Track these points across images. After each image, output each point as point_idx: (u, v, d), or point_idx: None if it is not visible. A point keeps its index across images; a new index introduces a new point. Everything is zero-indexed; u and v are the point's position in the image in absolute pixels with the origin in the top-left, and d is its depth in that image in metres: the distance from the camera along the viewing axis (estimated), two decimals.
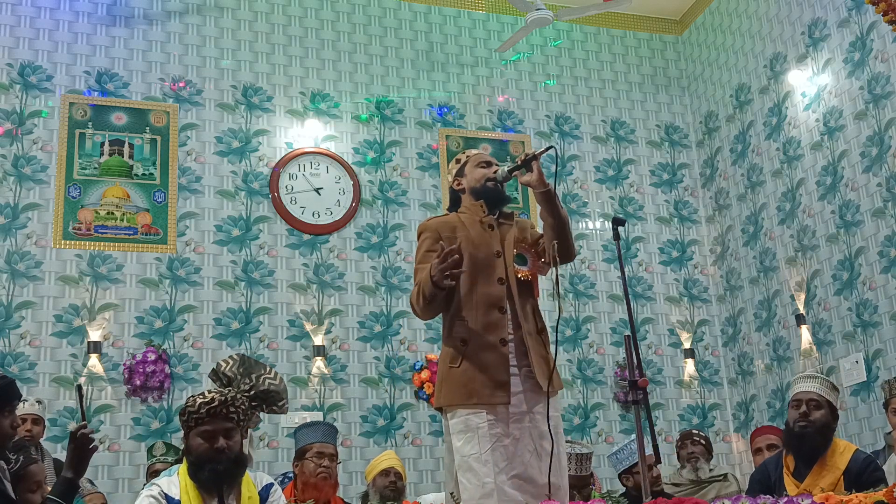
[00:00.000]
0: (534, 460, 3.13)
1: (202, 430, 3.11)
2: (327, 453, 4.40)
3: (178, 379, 6.26)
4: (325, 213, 6.95)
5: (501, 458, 3.09)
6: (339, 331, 6.70)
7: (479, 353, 3.20)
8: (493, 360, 3.19)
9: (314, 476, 4.30)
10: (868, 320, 6.13)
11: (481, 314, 3.25)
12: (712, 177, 7.90)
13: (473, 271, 3.30)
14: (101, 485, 5.69)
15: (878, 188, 6.12)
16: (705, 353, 7.57)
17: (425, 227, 3.43)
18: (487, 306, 3.26)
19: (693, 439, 5.21)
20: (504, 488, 3.05)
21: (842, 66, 6.50)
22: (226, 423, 3.14)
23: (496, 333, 3.22)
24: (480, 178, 3.44)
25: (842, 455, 3.81)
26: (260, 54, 7.18)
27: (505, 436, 3.13)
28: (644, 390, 3.24)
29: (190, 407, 3.14)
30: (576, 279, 7.38)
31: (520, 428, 3.16)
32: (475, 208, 3.43)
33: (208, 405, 3.12)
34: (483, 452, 3.09)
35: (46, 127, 6.49)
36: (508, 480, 3.08)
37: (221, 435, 3.11)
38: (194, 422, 3.11)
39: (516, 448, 3.13)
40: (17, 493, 3.05)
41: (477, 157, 3.53)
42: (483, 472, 3.07)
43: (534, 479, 3.11)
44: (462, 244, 3.29)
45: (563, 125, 7.80)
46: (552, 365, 3.27)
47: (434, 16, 7.77)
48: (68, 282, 6.24)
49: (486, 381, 3.16)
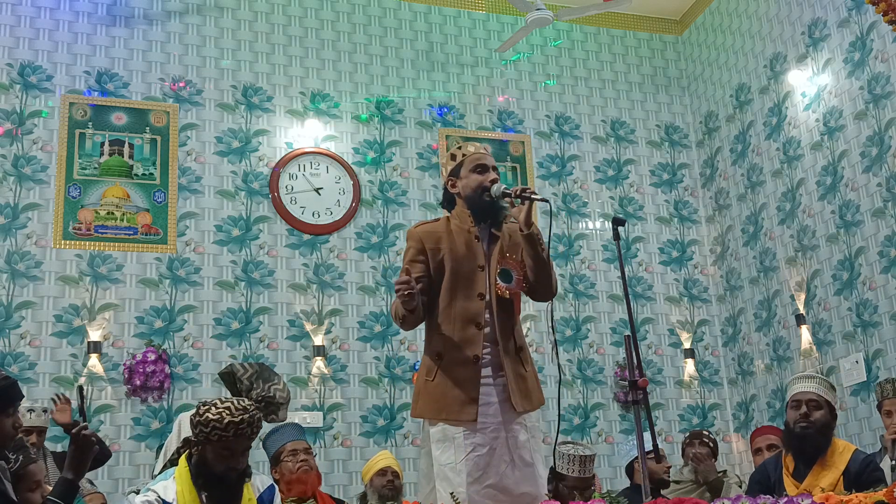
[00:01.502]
0: (509, 471, 3.13)
1: (224, 447, 3.10)
2: (300, 448, 4.38)
3: (178, 379, 6.26)
4: (325, 213, 6.95)
5: (476, 468, 3.10)
6: (339, 331, 6.70)
7: (453, 368, 3.20)
8: (465, 376, 3.19)
9: (295, 472, 4.28)
10: (868, 320, 6.13)
11: (458, 329, 3.23)
12: (712, 177, 7.90)
13: (454, 285, 3.26)
14: (101, 485, 5.69)
15: (878, 188, 6.12)
16: (705, 353, 7.57)
17: (410, 234, 3.38)
18: (465, 321, 3.23)
19: (702, 440, 5.19)
20: (476, 498, 3.07)
21: (842, 66, 6.50)
22: (247, 442, 3.16)
23: (471, 349, 3.20)
24: (476, 188, 3.31)
25: (841, 455, 3.81)
26: (260, 54, 7.18)
27: (481, 445, 3.13)
28: (644, 390, 3.24)
29: (216, 423, 3.08)
30: (576, 279, 7.38)
31: (496, 438, 3.16)
32: (464, 216, 3.34)
33: (237, 426, 3.08)
34: (458, 462, 3.11)
35: (46, 127, 6.50)
36: (482, 490, 3.09)
37: (241, 454, 3.12)
38: (217, 437, 3.09)
39: (491, 458, 3.13)
40: (17, 493, 3.04)
41: (473, 158, 3.36)
42: (456, 482, 3.08)
43: (508, 490, 3.12)
44: (445, 256, 3.27)
45: (563, 125, 7.80)
46: (528, 384, 3.27)
47: (434, 16, 7.77)
48: (68, 282, 6.24)
49: (456, 396, 3.16)
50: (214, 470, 3.11)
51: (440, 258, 3.29)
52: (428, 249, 3.29)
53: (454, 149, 3.45)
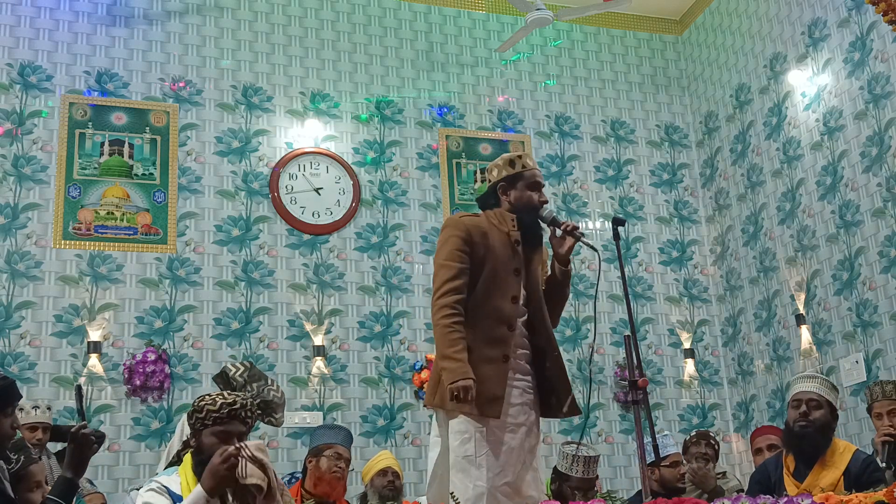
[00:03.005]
0: (523, 472, 3.19)
1: (219, 431, 3.10)
2: (345, 457, 4.53)
3: (178, 379, 6.26)
4: (325, 213, 6.95)
5: (496, 465, 3.13)
6: (339, 331, 6.70)
7: (480, 365, 3.22)
8: (493, 374, 3.22)
9: (329, 473, 4.38)
10: (868, 320, 6.13)
11: (489, 327, 3.28)
12: (712, 177, 7.90)
13: (491, 284, 3.32)
14: (101, 485, 5.69)
15: (878, 188, 6.12)
16: (705, 353, 7.57)
17: (456, 224, 3.38)
18: (497, 321, 3.29)
19: (709, 441, 5.17)
20: (497, 494, 3.10)
21: (842, 66, 6.50)
22: (241, 426, 3.16)
23: (500, 349, 3.25)
24: (531, 205, 3.45)
25: (842, 455, 3.81)
26: (260, 54, 7.18)
27: (500, 443, 3.17)
28: (644, 390, 3.25)
29: (210, 406, 3.12)
30: (576, 279, 7.38)
31: (514, 438, 3.20)
32: (506, 219, 3.44)
33: (231, 406, 3.12)
34: (479, 456, 3.13)
35: (46, 127, 6.49)
36: (500, 487, 3.12)
37: (236, 437, 3.12)
38: (213, 421, 3.10)
39: (509, 457, 3.17)
40: (17, 493, 3.05)
41: (532, 175, 3.50)
42: (475, 475, 3.10)
43: (521, 491, 3.17)
44: (487, 254, 3.33)
45: (563, 125, 7.80)
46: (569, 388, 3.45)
47: (434, 16, 7.77)
48: (68, 282, 6.24)
49: (482, 392, 3.18)
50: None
51: (482, 254, 3.35)
52: (473, 243, 3.34)
53: (514, 156, 3.53)
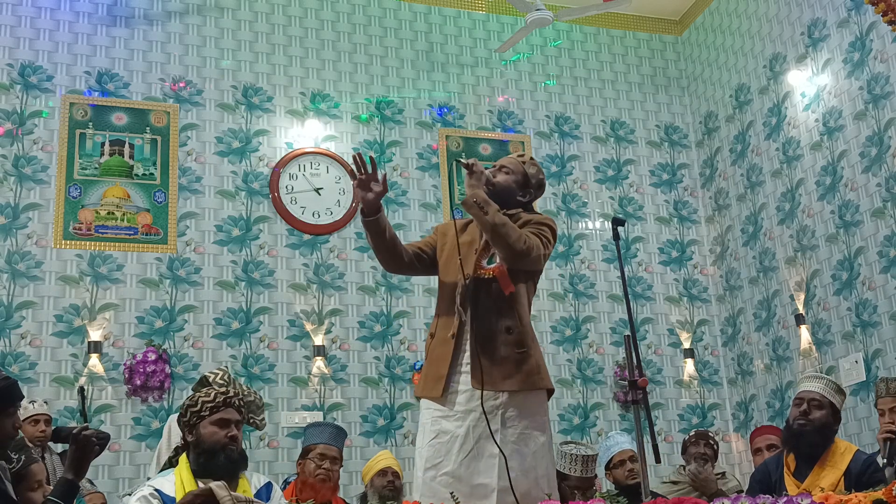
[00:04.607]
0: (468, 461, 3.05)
1: (216, 419, 3.12)
2: (329, 455, 4.43)
3: (178, 379, 6.26)
4: (325, 213, 6.95)
5: (436, 455, 3.10)
6: (339, 331, 6.70)
7: (436, 347, 3.26)
8: (440, 353, 3.22)
9: (313, 476, 4.34)
10: (867, 320, 6.13)
11: (443, 309, 3.30)
12: (712, 177, 7.91)
13: (446, 264, 3.36)
14: (101, 485, 5.70)
15: (877, 188, 6.13)
16: (705, 353, 7.57)
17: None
18: (448, 301, 3.29)
19: (708, 441, 5.17)
20: (431, 484, 3.05)
21: (841, 67, 6.51)
22: (237, 413, 3.20)
23: (447, 329, 3.24)
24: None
25: (843, 456, 3.81)
26: (260, 54, 7.18)
27: (445, 433, 3.12)
28: (644, 390, 3.24)
29: (204, 397, 3.15)
30: (575, 279, 7.39)
31: (460, 426, 3.10)
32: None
33: (225, 394, 3.17)
34: (422, 446, 3.15)
35: (47, 127, 6.50)
36: (439, 477, 3.06)
37: (233, 424, 3.14)
38: (208, 411, 3.13)
39: (452, 446, 3.09)
40: (19, 493, 3.05)
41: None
42: (419, 465, 3.13)
43: (464, 479, 3.03)
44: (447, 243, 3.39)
45: (562, 125, 7.80)
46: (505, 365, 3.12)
47: (434, 16, 7.78)
48: (69, 282, 6.25)
49: (430, 372, 3.22)
50: (215, 446, 3.10)
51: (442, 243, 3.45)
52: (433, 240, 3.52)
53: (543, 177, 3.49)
